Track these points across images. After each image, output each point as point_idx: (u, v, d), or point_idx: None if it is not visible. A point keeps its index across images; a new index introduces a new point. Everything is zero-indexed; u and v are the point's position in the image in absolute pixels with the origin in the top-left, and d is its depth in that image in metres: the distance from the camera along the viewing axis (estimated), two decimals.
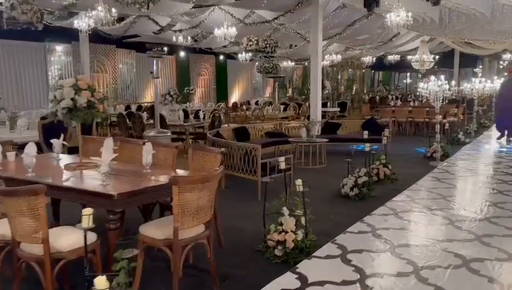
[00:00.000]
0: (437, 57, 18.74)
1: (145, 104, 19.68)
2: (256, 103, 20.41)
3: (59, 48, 18.02)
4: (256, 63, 21.05)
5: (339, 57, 19.72)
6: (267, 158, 6.15)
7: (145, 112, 10.56)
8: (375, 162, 6.99)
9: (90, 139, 4.85)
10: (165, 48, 5.84)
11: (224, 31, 12.73)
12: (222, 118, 10.41)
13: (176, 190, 2.80)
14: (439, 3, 9.42)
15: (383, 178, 6.83)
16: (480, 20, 11.90)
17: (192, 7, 12.32)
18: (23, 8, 7.23)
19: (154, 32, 16.45)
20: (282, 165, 4.16)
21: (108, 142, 3.73)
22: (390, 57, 24.80)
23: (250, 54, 17.87)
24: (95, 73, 18.96)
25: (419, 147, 10.45)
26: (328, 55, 19.63)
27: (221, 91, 25.63)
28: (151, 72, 5.91)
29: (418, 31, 15.10)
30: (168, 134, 6.23)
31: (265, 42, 13.66)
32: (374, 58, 24.56)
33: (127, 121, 9.59)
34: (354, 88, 27.04)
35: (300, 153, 8.50)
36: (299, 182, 3.88)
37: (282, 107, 14.35)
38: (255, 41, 13.61)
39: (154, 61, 5.85)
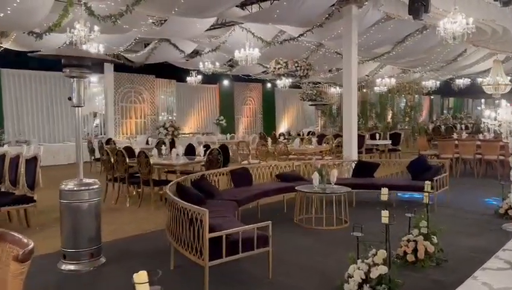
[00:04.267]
0: None
1: (183, 136, 18.53)
2: (298, 134, 18.25)
3: (93, 78, 17.42)
4: (309, 91, 19.12)
5: (393, 80, 17.11)
6: (264, 219, 4.05)
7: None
8: (413, 231, 4.61)
9: None
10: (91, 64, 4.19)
11: (245, 53, 10.97)
12: (231, 154, 8.46)
13: None
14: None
15: (422, 258, 4.41)
16: None
17: (206, 30, 10.77)
18: None
19: (186, 59, 15.31)
20: (137, 280, 2.02)
21: None
22: (459, 81, 21.65)
23: (289, 80, 15.89)
24: (132, 104, 18.22)
25: (490, 196, 7.71)
26: (380, 79, 17.15)
27: (268, 121, 23.97)
28: (70, 99, 4.13)
29: (487, 47, 12.29)
30: (95, 187, 4.37)
31: (296, 65, 11.66)
32: (438, 82, 21.52)
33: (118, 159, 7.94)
34: (418, 116, 23.93)
35: (316, 205, 6.28)
36: None
37: (315, 139, 12.06)
38: (284, 64, 11.67)
39: (74, 83, 4.06)
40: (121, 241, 5.40)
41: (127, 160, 7.61)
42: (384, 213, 3.61)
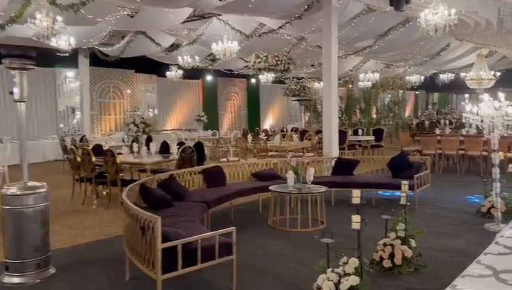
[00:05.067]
0: (498, 74, 15.34)
1: (164, 132, 18.06)
2: (282, 130, 17.92)
3: (70, 73, 16.77)
4: (293, 86, 18.75)
5: (377, 75, 16.84)
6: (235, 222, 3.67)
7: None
8: (390, 234, 4.31)
9: None
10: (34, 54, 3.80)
11: (223, 46, 10.53)
12: (206, 151, 8.08)
13: None
14: None
15: (399, 264, 4.11)
16: None
17: (184, 21, 10.33)
18: None
19: (166, 53, 14.81)
20: None
21: None
22: (443, 76, 21.52)
23: (271, 75, 15.47)
24: (110, 100, 17.62)
25: (473, 193, 7.49)
26: (364, 74, 16.88)
27: (253, 117, 23.55)
28: (11, 93, 3.72)
29: (470, 40, 12.09)
30: (42, 190, 3.96)
31: (277, 59, 11.30)
32: (423, 78, 21.37)
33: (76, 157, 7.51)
34: (402, 111, 23.78)
35: (292, 205, 5.95)
36: None
37: (296, 135, 11.73)
38: (264, 58, 11.30)
39: (17, 75, 3.65)
40: (78, 248, 5.00)
41: (93, 159, 7.17)
42: (355, 218, 3.29)
